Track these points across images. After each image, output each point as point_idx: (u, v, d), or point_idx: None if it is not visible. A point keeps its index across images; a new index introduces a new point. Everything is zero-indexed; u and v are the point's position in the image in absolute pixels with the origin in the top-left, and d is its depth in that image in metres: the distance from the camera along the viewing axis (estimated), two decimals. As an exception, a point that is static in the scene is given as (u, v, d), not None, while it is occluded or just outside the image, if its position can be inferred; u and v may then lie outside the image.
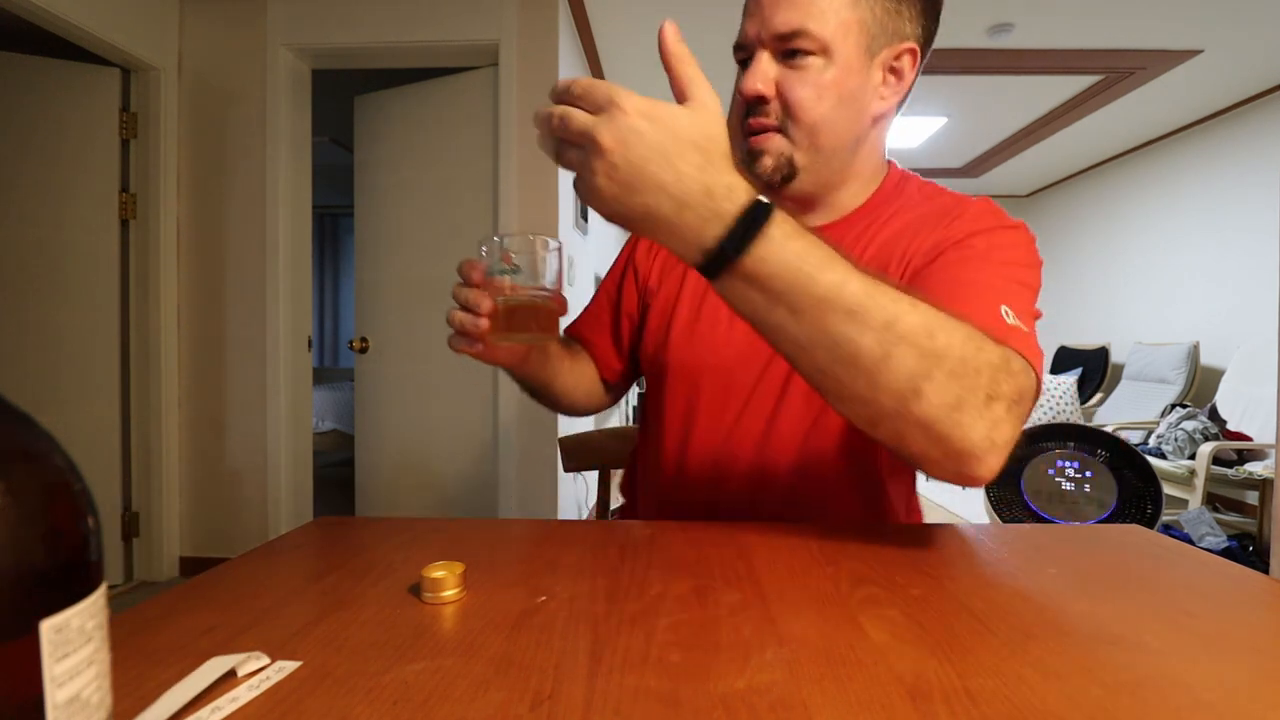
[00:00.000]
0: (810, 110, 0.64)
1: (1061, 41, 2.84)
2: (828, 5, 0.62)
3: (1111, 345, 4.32)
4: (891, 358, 0.45)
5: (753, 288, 0.45)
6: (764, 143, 0.66)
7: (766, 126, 0.66)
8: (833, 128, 0.65)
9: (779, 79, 0.65)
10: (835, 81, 0.64)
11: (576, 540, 0.59)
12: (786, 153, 0.66)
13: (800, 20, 0.62)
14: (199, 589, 0.49)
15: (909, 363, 0.46)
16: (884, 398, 0.47)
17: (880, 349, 0.45)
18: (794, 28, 0.62)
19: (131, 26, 2.21)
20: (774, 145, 0.66)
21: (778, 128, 0.66)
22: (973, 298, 0.57)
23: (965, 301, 0.55)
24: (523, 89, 2.32)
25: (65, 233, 2.27)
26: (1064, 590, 0.47)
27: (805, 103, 0.64)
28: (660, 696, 0.33)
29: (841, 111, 0.65)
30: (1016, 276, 0.62)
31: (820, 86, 0.64)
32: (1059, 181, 5.25)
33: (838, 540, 0.58)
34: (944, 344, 0.46)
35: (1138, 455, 2.26)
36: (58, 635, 0.18)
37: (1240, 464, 2.67)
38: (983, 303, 0.56)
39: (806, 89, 0.64)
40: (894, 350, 0.45)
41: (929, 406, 0.46)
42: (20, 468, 0.18)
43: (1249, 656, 0.37)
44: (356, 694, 0.33)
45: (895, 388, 0.46)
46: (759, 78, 0.64)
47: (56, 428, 0.20)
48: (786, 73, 0.64)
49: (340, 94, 3.00)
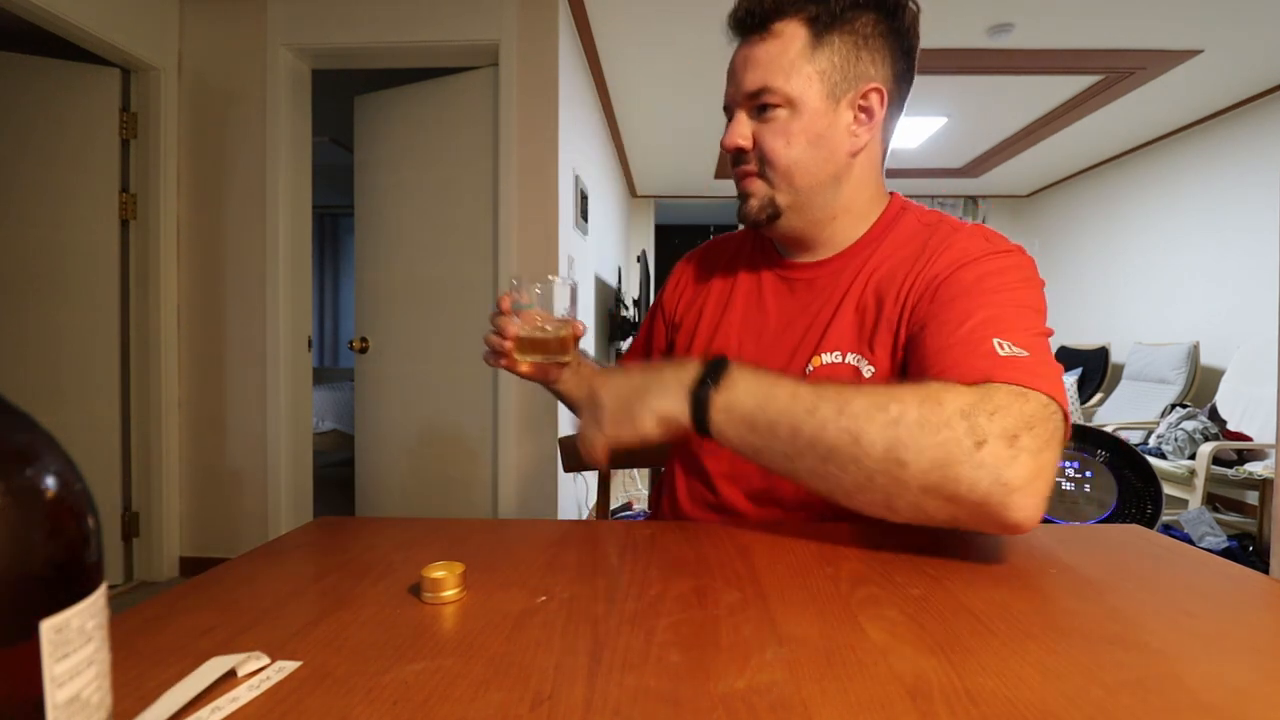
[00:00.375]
0: (782, 155, 0.72)
1: (1061, 41, 2.84)
2: (787, 63, 0.70)
3: (1111, 345, 4.31)
4: (862, 436, 0.52)
5: (731, 427, 0.58)
6: (749, 186, 0.76)
7: (748, 173, 0.75)
8: (806, 168, 0.73)
9: (755, 132, 0.73)
10: (803, 128, 0.71)
11: (576, 540, 0.59)
12: (768, 194, 0.75)
13: (764, 79, 0.71)
14: (199, 589, 0.49)
15: (878, 437, 0.52)
16: (878, 479, 0.52)
17: (848, 434, 0.53)
18: (759, 86, 0.71)
19: (131, 26, 2.21)
20: (757, 188, 0.75)
21: (758, 173, 0.75)
22: (960, 343, 0.60)
23: (952, 349, 0.59)
24: (523, 89, 2.32)
25: (65, 233, 2.27)
26: (1064, 590, 0.47)
27: (777, 149, 0.72)
28: (660, 696, 0.33)
29: (813, 153, 0.72)
30: (1012, 300, 0.63)
31: (789, 134, 0.71)
32: (1059, 181, 5.25)
33: (838, 540, 0.58)
34: (898, 412, 0.53)
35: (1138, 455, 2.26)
36: (58, 635, 0.18)
37: (1240, 464, 2.67)
38: (970, 346, 0.59)
39: (777, 138, 0.72)
40: (861, 429, 0.53)
41: (919, 471, 0.51)
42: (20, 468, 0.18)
43: (1249, 656, 0.37)
44: (356, 694, 0.33)
45: (880, 466, 0.52)
46: (736, 134, 0.74)
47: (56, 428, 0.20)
48: (759, 126, 0.73)
49: (340, 94, 3.00)
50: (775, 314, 0.79)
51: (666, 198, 6.01)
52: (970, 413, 0.52)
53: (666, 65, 3.15)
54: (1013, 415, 0.52)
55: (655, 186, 5.81)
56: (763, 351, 0.78)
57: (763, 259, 0.84)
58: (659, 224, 6.29)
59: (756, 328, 0.80)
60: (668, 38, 2.86)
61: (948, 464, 0.50)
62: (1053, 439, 0.53)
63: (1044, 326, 0.63)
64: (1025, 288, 0.65)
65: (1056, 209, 5.34)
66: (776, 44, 0.71)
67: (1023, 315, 0.61)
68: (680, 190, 5.84)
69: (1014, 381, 0.54)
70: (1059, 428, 0.54)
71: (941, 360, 0.60)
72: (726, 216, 6.42)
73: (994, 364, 0.56)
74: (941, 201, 5.82)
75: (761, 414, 0.56)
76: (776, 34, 0.71)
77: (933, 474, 0.51)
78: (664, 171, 5.24)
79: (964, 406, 0.52)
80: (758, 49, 0.71)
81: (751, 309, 0.82)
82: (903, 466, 0.51)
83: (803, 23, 0.70)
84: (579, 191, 2.87)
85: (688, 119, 3.94)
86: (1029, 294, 0.65)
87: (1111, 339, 4.39)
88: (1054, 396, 0.54)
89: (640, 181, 5.61)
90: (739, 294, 0.84)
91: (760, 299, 0.82)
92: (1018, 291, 0.64)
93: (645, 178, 5.47)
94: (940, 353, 0.61)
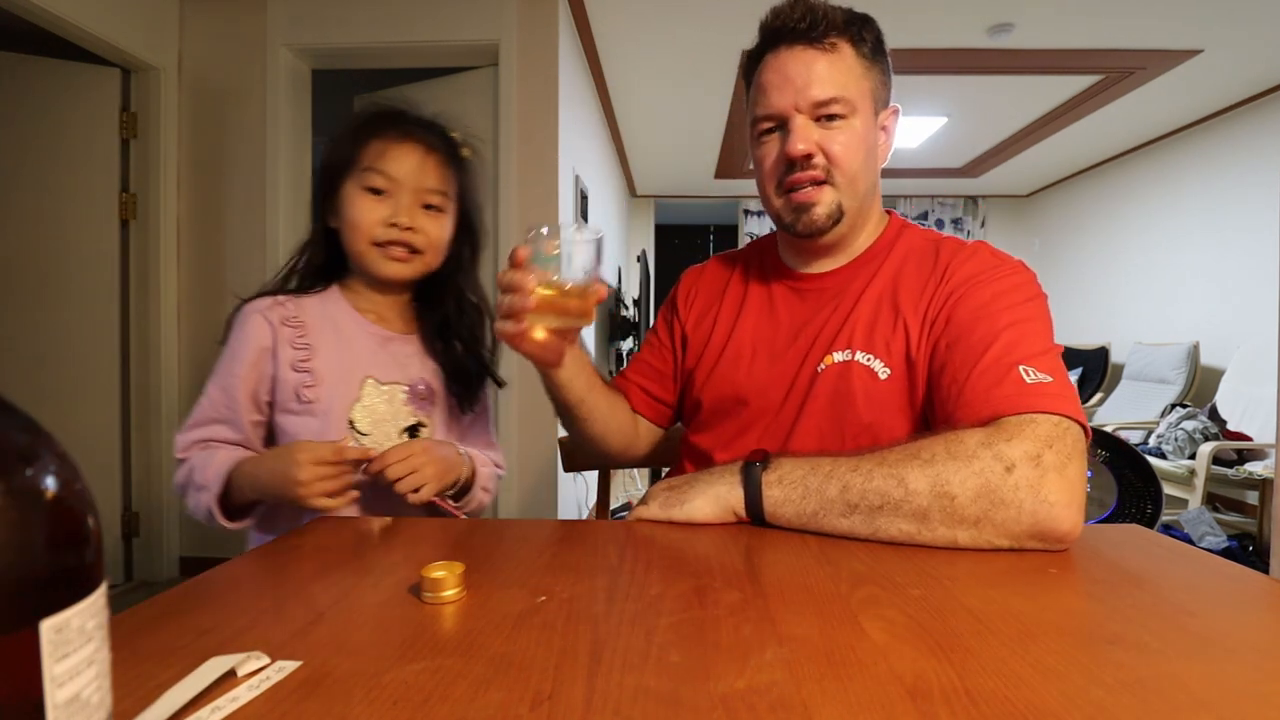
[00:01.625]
0: (852, 160, 0.74)
1: (1061, 41, 2.84)
2: (855, 77, 0.74)
3: (1111, 345, 4.31)
4: (907, 478, 0.57)
5: (785, 499, 0.61)
6: (815, 195, 0.75)
7: (816, 179, 0.75)
8: (864, 176, 0.76)
9: (820, 139, 0.74)
10: (862, 137, 0.75)
11: (576, 540, 0.59)
12: (836, 200, 0.76)
13: (839, 88, 0.73)
14: (199, 589, 0.49)
15: (921, 476, 0.57)
16: (933, 515, 0.56)
17: (894, 479, 0.57)
18: (834, 94, 0.73)
19: (131, 26, 2.21)
20: (825, 196, 0.75)
21: (824, 179, 0.75)
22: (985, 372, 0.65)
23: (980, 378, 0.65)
24: (523, 89, 2.32)
25: (65, 233, 2.27)
26: (1064, 590, 0.47)
27: (848, 156, 0.74)
28: (660, 696, 0.33)
29: (868, 162, 0.77)
30: (1024, 315, 0.68)
31: (856, 142, 0.74)
32: (1059, 181, 5.25)
33: (838, 540, 0.58)
34: (929, 455, 0.58)
35: (1138, 455, 2.26)
36: (58, 635, 0.18)
37: (1240, 464, 2.67)
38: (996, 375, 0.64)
39: (847, 145, 0.74)
40: (904, 473, 0.57)
41: (966, 501, 0.55)
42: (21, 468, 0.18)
43: (1249, 656, 0.37)
44: (356, 694, 0.33)
45: (930, 502, 0.56)
46: (803, 139, 0.73)
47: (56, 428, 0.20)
48: (826, 133, 0.74)
49: (340, 94, 2.99)
50: (787, 322, 0.82)
51: (666, 197, 6.01)
52: (989, 443, 0.57)
53: (666, 65, 3.15)
54: (1028, 439, 0.57)
55: (655, 186, 5.81)
56: (775, 357, 0.80)
57: (772, 272, 0.86)
58: (659, 224, 6.30)
59: (769, 335, 0.82)
60: (668, 37, 2.86)
61: (989, 491, 0.55)
62: (1074, 452, 0.58)
63: (1055, 342, 0.68)
64: (1033, 302, 0.71)
65: (1056, 209, 5.34)
66: (839, 58, 0.74)
67: (1039, 338, 0.67)
68: (680, 190, 5.84)
69: (1029, 410, 0.60)
70: (1078, 440, 0.59)
71: (969, 391, 0.65)
72: (726, 216, 6.42)
73: (1015, 393, 0.62)
74: (941, 201, 5.82)
75: (812, 477, 0.60)
76: (837, 49, 0.74)
77: (980, 502, 0.55)
78: (664, 171, 5.24)
79: (982, 439, 0.58)
80: (820, 60, 0.73)
81: (764, 318, 0.84)
82: (951, 499, 0.56)
83: (850, 42, 0.74)
84: (579, 191, 2.87)
85: (688, 118, 3.94)
86: (1036, 307, 0.70)
87: (1111, 339, 4.39)
88: (1071, 415, 0.60)
89: (640, 181, 5.61)
90: (751, 304, 0.86)
91: (772, 308, 0.84)
92: (1028, 306, 0.70)
93: (645, 177, 5.47)
94: (967, 382, 0.66)
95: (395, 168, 0.79)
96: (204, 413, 0.79)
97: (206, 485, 0.74)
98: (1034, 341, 0.66)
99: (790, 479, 0.61)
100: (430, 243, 0.82)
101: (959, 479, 0.56)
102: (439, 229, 0.83)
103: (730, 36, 2.83)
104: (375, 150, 0.79)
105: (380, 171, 0.78)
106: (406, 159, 0.80)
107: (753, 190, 5.95)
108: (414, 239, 0.80)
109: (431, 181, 0.81)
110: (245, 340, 0.79)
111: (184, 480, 0.77)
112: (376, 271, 0.81)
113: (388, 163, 0.79)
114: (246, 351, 0.79)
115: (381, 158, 0.79)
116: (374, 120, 0.82)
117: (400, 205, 0.79)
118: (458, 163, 0.85)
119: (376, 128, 0.81)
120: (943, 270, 0.74)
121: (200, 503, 0.75)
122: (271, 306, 0.82)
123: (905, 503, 0.56)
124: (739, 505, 0.62)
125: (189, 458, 0.78)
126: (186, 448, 0.78)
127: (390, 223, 0.79)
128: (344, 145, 0.81)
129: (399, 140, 0.80)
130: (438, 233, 0.82)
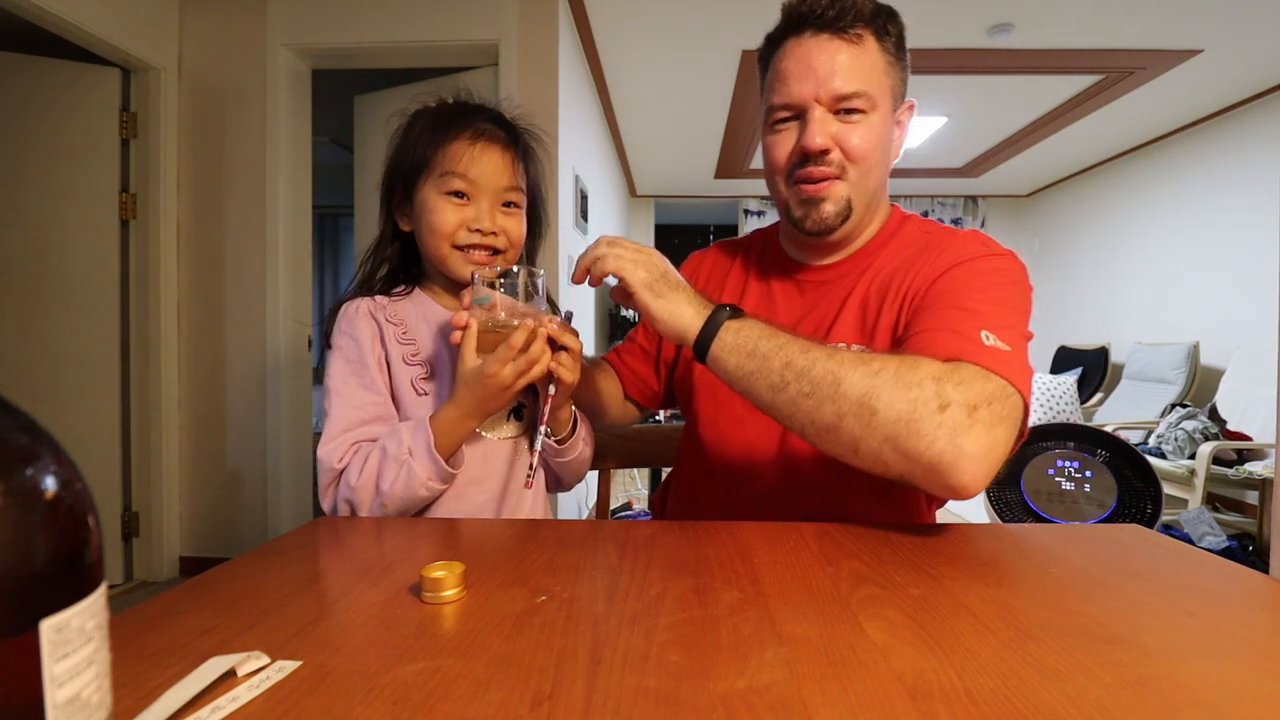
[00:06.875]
0: (868, 155, 0.73)
1: (1061, 41, 2.84)
2: (879, 71, 0.73)
3: (1111, 345, 4.31)
4: (844, 380, 0.58)
5: (731, 351, 0.62)
6: (825, 190, 0.74)
7: (829, 175, 0.73)
8: (876, 171, 0.75)
9: (835, 133, 0.72)
10: (879, 134, 0.73)
11: (576, 540, 0.59)
12: (847, 196, 0.74)
13: (862, 82, 0.71)
14: (199, 589, 0.49)
15: (857, 383, 0.57)
16: (848, 420, 0.57)
17: (832, 375, 0.58)
18: (854, 89, 0.71)
19: (131, 26, 2.21)
20: (836, 192, 0.74)
21: (838, 175, 0.73)
22: (946, 325, 0.64)
23: (939, 330, 0.63)
24: (523, 89, 2.32)
25: (65, 233, 2.27)
26: (1064, 590, 0.47)
27: (863, 148, 0.72)
28: (660, 696, 0.33)
29: (881, 158, 0.75)
30: (997, 297, 0.67)
31: (873, 137, 0.73)
32: (1059, 181, 5.25)
33: (838, 540, 0.58)
34: (878, 367, 0.58)
35: (1138, 455, 2.26)
36: (58, 635, 0.18)
37: (1240, 464, 2.67)
38: (954, 330, 0.63)
39: (865, 140, 0.72)
40: (844, 374, 0.58)
41: (885, 421, 0.56)
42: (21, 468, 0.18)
43: (1249, 656, 0.37)
44: (356, 694, 0.33)
45: (852, 409, 0.57)
46: (821, 132, 0.72)
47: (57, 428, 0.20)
48: (843, 127, 0.72)
49: (340, 94, 3.00)
50: (785, 314, 0.82)
51: (666, 197, 6.01)
52: (940, 379, 0.57)
53: (666, 65, 3.15)
54: (975, 389, 0.57)
55: (655, 186, 5.81)
56: None
57: (772, 264, 0.86)
58: (659, 223, 6.30)
59: None
60: (668, 37, 2.86)
61: (912, 419, 0.56)
62: (1008, 418, 0.58)
63: (1026, 329, 0.67)
64: (1014, 289, 0.69)
65: (1056, 209, 5.33)
66: (864, 50, 0.71)
67: (1009, 314, 0.66)
68: (680, 190, 5.84)
69: (984, 365, 0.59)
70: (1016, 410, 0.59)
71: (928, 338, 0.64)
72: (726, 216, 6.42)
73: (974, 348, 0.61)
74: (941, 201, 5.82)
75: (763, 343, 0.62)
76: (862, 40, 0.71)
77: (897, 425, 0.56)
78: (664, 171, 5.23)
79: (935, 373, 0.58)
80: (844, 52, 0.71)
81: (762, 310, 0.84)
82: (873, 414, 0.57)
83: (875, 35, 0.72)
84: (579, 191, 2.87)
85: (688, 119, 3.94)
86: (1016, 295, 0.69)
87: (1111, 339, 4.39)
88: (1018, 388, 0.60)
89: (640, 181, 5.61)
90: (750, 296, 0.86)
91: (771, 300, 0.84)
92: (1004, 290, 0.68)
93: (645, 177, 5.47)
94: (927, 331, 0.65)
95: (476, 170, 0.77)
96: (349, 417, 0.75)
97: (411, 450, 0.70)
98: (1003, 316, 0.65)
99: (746, 334, 0.62)
100: (511, 242, 0.80)
101: (888, 398, 0.56)
102: (518, 227, 0.81)
103: (730, 36, 2.83)
104: (454, 153, 0.77)
105: (461, 175, 0.76)
106: (487, 161, 0.77)
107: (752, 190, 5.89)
108: (496, 242, 0.79)
109: (509, 179, 0.79)
110: (360, 338, 0.77)
111: (364, 478, 0.71)
112: (460, 275, 0.79)
113: (468, 166, 0.76)
114: (367, 346, 0.77)
115: (460, 161, 0.77)
116: (448, 120, 0.80)
117: (482, 209, 0.77)
118: (529, 156, 0.84)
119: (453, 128, 0.78)
120: (931, 255, 0.74)
121: (411, 471, 0.70)
122: (374, 305, 0.80)
123: (829, 401, 0.58)
124: (692, 333, 0.63)
125: (348, 463, 0.73)
126: (343, 455, 0.73)
127: (474, 227, 0.77)
128: (418, 146, 0.79)
129: (475, 140, 0.78)
130: (517, 231, 0.81)
